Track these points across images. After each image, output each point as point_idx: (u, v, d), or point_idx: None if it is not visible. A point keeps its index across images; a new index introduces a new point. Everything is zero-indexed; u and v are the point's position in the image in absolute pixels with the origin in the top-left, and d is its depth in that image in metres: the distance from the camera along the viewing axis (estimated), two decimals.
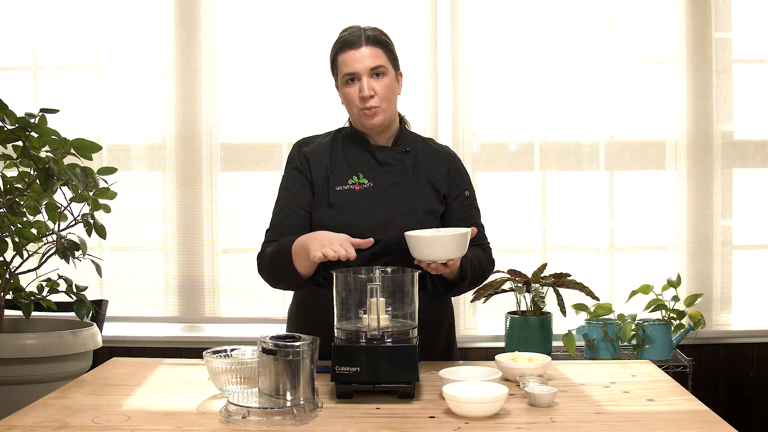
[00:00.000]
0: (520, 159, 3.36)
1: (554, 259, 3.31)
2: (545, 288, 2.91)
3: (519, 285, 2.90)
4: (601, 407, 1.65)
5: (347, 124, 2.19)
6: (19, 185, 2.60)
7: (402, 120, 2.20)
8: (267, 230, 2.13)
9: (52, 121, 2.50)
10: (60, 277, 2.77)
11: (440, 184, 2.13)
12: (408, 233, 1.86)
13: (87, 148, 2.51)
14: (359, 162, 2.11)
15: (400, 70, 2.13)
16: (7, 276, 2.69)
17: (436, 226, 2.10)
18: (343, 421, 1.56)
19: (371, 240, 1.90)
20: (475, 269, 2.06)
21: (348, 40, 2.04)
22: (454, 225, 2.13)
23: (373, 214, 2.04)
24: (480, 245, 2.18)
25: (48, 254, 2.72)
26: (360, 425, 1.53)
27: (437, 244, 1.81)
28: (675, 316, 2.96)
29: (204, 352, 1.79)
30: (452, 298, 2.26)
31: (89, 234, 2.71)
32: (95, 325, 2.77)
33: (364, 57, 2.02)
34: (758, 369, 3.36)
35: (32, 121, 2.41)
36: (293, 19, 3.34)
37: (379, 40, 2.06)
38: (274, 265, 2.01)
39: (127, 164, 3.36)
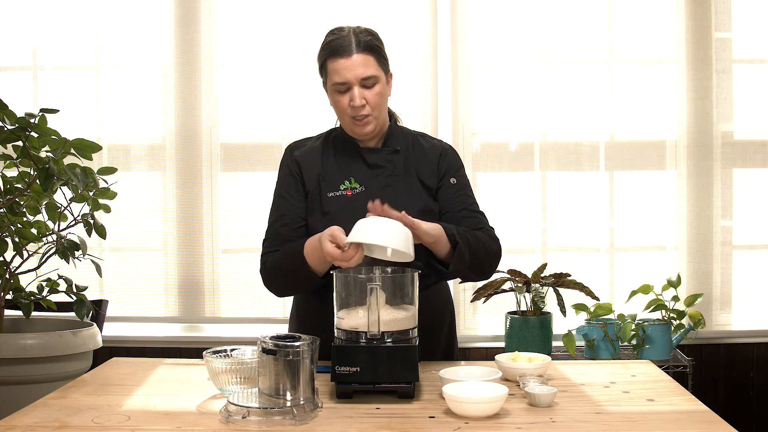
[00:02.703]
0: (520, 159, 3.36)
1: (554, 259, 3.31)
2: (545, 288, 2.91)
3: (519, 285, 2.90)
4: (601, 407, 1.65)
5: (337, 125, 2.17)
6: (19, 185, 2.60)
7: (392, 116, 2.16)
8: (265, 240, 2.10)
9: (52, 121, 2.50)
10: (60, 277, 2.77)
11: (430, 181, 2.09)
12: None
13: (87, 148, 2.51)
14: (350, 166, 2.08)
15: (390, 71, 2.08)
16: (7, 276, 2.69)
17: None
18: (343, 421, 1.56)
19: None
20: (467, 240, 1.95)
21: (338, 47, 1.98)
22: (447, 216, 2.09)
23: None
24: (480, 229, 2.09)
25: (48, 254, 2.72)
26: (360, 425, 1.53)
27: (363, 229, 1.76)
28: (675, 316, 2.96)
29: (204, 352, 1.79)
30: (452, 298, 2.25)
31: (89, 234, 2.71)
32: (95, 325, 2.77)
33: (356, 65, 1.96)
34: (758, 369, 3.35)
35: (32, 121, 2.42)
36: (293, 19, 3.34)
37: (370, 45, 1.99)
38: (285, 271, 2.00)
39: (127, 164, 3.36)
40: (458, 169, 2.15)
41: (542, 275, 2.97)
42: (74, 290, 2.74)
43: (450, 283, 2.27)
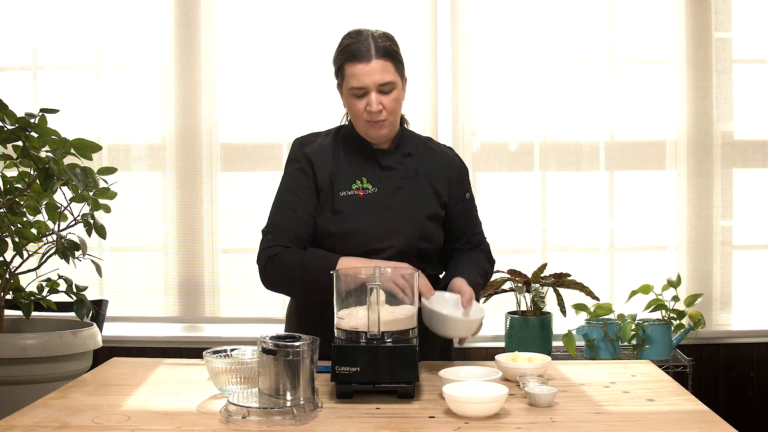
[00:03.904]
0: (520, 159, 3.36)
1: (554, 259, 3.31)
2: (545, 288, 2.91)
3: (519, 285, 2.90)
4: (601, 407, 1.65)
5: (345, 121, 2.17)
6: (19, 185, 2.60)
7: (402, 120, 2.17)
8: (265, 232, 2.08)
9: (52, 121, 2.50)
10: (60, 277, 2.77)
11: (442, 190, 2.12)
12: (426, 304, 1.88)
13: (87, 148, 2.51)
14: (362, 166, 2.08)
15: (405, 76, 2.07)
16: (7, 276, 2.69)
17: (438, 232, 2.11)
18: (343, 421, 1.56)
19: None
20: (480, 286, 2.12)
21: (357, 51, 1.97)
22: (458, 230, 2.15)
23: (378, 221, 2.03)
24: (479, 247, 2.21)
25: (48, 254, 2.72)
26: (360, 425, 1.53)
27: (454, 325, 1.88)
28: (675, 316, 2.96)
29: (204, 352, 1.79)
30: None
31: (89, 234, 2.71)
32: (95, 325, 2.77)
33: (374, 71, 1.96)
34: (758, 369, 3.35)
35: (32, 121, 2.41)
36: (293, 19, 3.34)
37: (389, 51, 1.99)
38: (306, 279, 1.98)
39: (127, 164, 3.36)
40: (469, 181, 2.22)
41: (542, 275, 2.97)
42: (74, 290, 2.74)
43: None
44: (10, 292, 2.73)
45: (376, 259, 1.99)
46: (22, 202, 2.64)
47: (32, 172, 2.56)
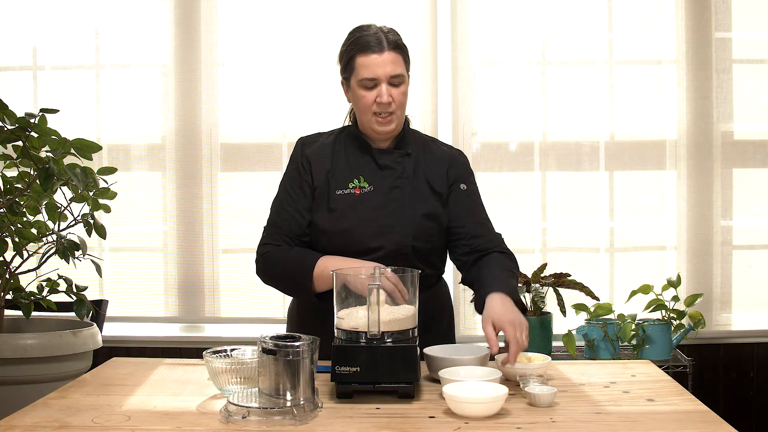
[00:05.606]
0: (520, 159, 3.36)
1: (554, 259, 3.31)
2: (545, 288, 2.91)
3: (519, 285, 2.90)
4: (601, 407, 1.65)
5: (348, 122, 2.17)
6: (19, 185, 2.60)
7: (406, 120, 2.16)
8: (265, 229, 2.13)
9: (52, 121, 2.50)
10: (60, 277, 2.77)
11: (440, 187, 2.10)
12: (427, 352, 1.87)
13: (87, 148, 2.51)
14: (360, 165, 2.08)
15: (409, 73, 2.09)
16: (7, 276, 2.69)
17: (436, 230, 2.09)
18: (343, 421, 1.56)
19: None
20: (516, 288, 2.05)
21: (369, 43, 1.99)
22: (455, 221, 2.10)
23: (373, 220, 2.04)
24: (496, 247, 2.13)
25: (48, 254, 2.72)
26: (360, 425, 1.53)
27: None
28: (675, 316, 2.96)
29: (204, 352, 1.79)
30: (452, 298, 2.26)
31: (89, 234, 2.71)
32: (95, 325, 2.77)
33: (386, 63, 1.98)
34: (758, 369, 3.35)
35: (32, 121, 2.41)
36: (293, 19, 3.34)
37: (399, 45, 2.02)
38: (287, 276, 2.05)
39: (127, 164, 3.36)
40: (468, 175, 2.16)
41: (542, 275, 2.97)
42: (74, 290, 2.74)
43: (450, 283, 2.28)
44: (10, 292, 2.73)
45: (358, 259, 1.98)
46: (22, 202, 2.64)
47: (32, 172, 2.55)
